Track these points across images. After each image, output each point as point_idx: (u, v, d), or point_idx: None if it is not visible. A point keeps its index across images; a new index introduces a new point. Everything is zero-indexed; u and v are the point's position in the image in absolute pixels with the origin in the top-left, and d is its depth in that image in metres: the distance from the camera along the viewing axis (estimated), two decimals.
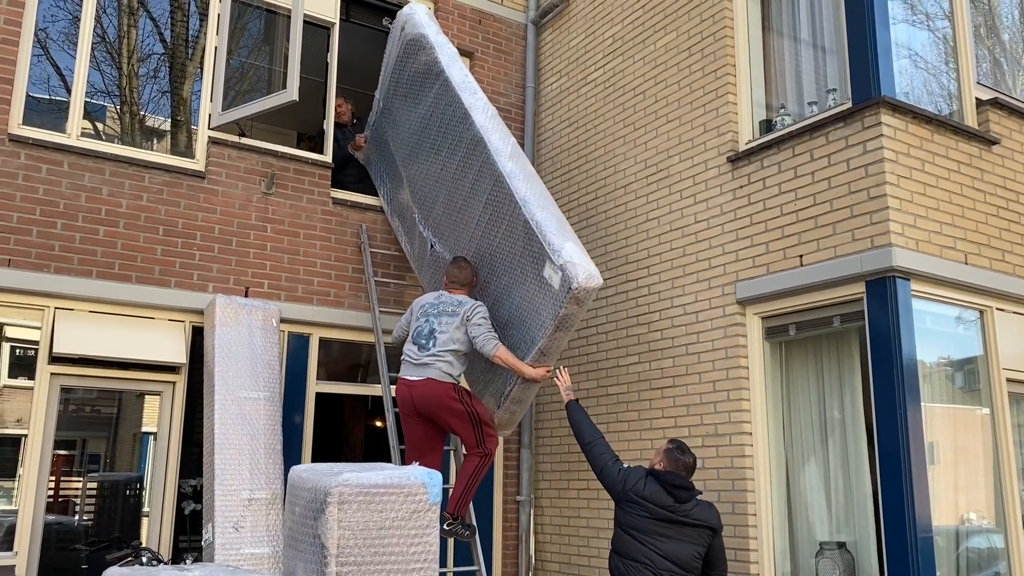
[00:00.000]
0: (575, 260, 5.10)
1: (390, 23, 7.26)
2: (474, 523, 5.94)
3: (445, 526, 5.50)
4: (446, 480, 6.38)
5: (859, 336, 5.28)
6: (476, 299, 5.79)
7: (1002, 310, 5.61)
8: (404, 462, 6.09)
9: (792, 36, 6.20)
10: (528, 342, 5.44)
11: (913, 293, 5.06)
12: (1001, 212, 5.71)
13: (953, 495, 5.29)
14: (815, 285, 5.36)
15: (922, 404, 4.94)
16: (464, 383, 5.78)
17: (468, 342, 5.53)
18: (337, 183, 7.40)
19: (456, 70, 6.14)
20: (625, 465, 4.91)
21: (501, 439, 7.22)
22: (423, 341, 5.55)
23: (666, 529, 4.62)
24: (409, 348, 5.65)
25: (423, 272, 6.86)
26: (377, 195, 7.47)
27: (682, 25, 6.63)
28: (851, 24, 5.45)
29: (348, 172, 7.64)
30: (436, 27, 6.49)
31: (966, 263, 5.39)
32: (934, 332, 5.35)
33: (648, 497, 4.65)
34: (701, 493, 4.82)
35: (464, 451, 5.77)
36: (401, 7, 7.84)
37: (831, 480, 5.42)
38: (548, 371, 5.52)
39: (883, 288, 5.01)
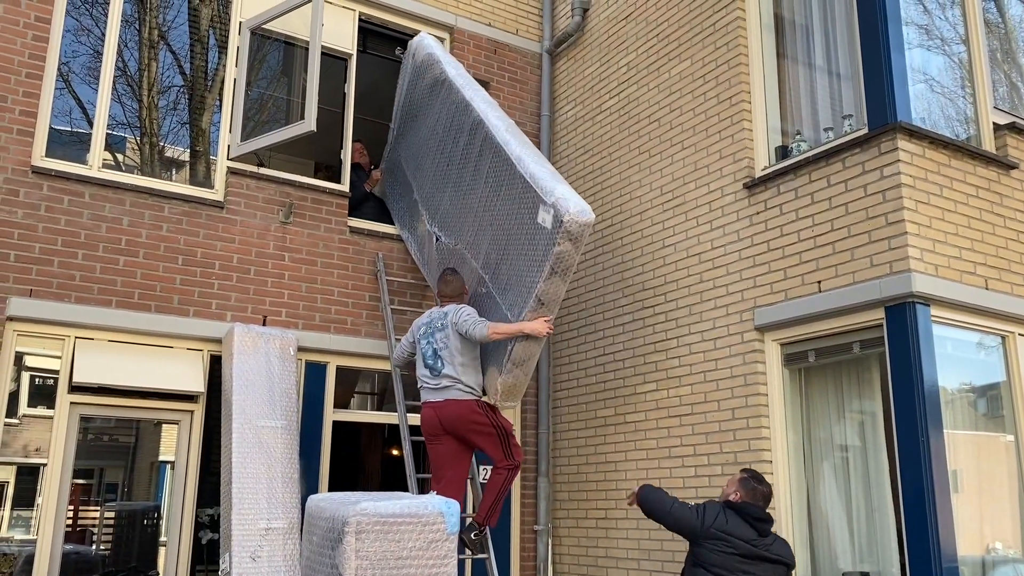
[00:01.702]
0: (566, 196, 5.21)
1: (402, 53, 7.47)
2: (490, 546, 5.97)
3: (473, 535, 5.58)
4: (465, 508, 6.35)
5: (879, 362, 5.23)
6: (465, 304, 5.87)
7: None
8: (423, 491, 6.08)
9: (807, 63, 6.22)
10: (526, 291, 5.48)
11: (933, 319, 5.02)
12: (1022, 237, 5.66)
13: (978, 524, 5.21)
14: (834, 311, 5.33)
15: (944, 431, 4.87)
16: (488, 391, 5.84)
17: (469, 345, 5.64)
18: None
19: (460, 75, 6.47)
20: (694, 503, 4.69)
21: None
22: (431, 363, 5.66)
23: (751, 566, 4.40)
24: (423, 373, 5.76)
25: (431, 273, 6.98)
26: (393, 223, 7.54)
27: (696, 53, 6.66)
28: (866, 50, 5.46)
29: (364, 211, 7.69)
30: (443, 48, 6.87)
31: (986, 288, 5.34)
32: (955, 358, 5.29)
33: (732, 532, 4.45)
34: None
35: (484, 477, 5.79)
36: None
37: (853, 509, 5.35)
38: (547, 322, 5.48)
39: (903, 314, 4.97)
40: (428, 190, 6.84)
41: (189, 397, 6.32)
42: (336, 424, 6.90)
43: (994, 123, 5.86)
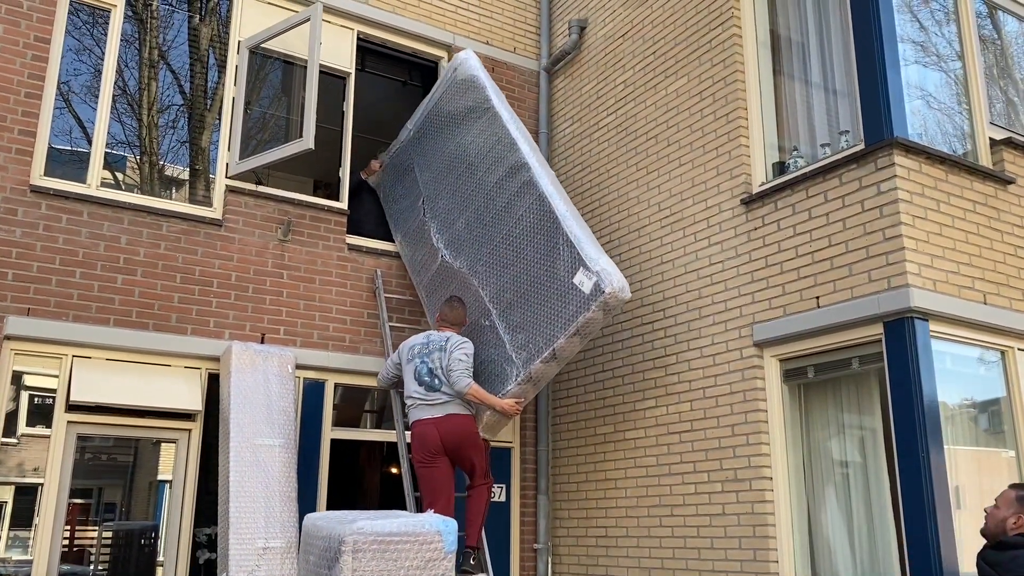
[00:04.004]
0: (610, 270, 5.49)
1: (445, 64, 7.77)
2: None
3: (472, 561, 5.58)
4: (460, 527, 6.32)
5: (879, 378, 5.22)
6: (464, 336, 5.98)
7: None
8: (420, 509, 6.04)
9: (803, 79, 6.24)
10: (543, 342, 5.68)
11: (932, 334, 5.00)
12: (1019, 252, 5.66)
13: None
14: (833, 327, 5.32)
15: (945, 446, 4.85)
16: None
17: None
18: (352, 218, 7.47)
19: (505, 109, 6.67)
20: None
21: None
22: (427, 380, 5.67)
23: None
24: (415, 391, 5.75)
25: (419, 276, 7.09)
26: (387, 229, 7.59)
27: (693, 70, 6.69)
28: (862, 66, 5.48)
29: (361, 200, 7.71)
30: (487, 74, 6.99)
31: (985, 303, 5.33)
32: (955, 373, 5.28)
33: None
34: None
35: (467, 488, 5.83)
36: (414, 57, 8.04)
37: (854, 526, 5.32)
38: (518, 403, 5.76)
39: (901, 329, 4.96)
40: (443, 205, 6.91)
41: (187, 415, 6.30)
42: (334, 442, 6.88)
43: (990, 138, 5.87)
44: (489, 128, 6.59)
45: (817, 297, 5.44)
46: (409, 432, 5.91)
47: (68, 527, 5.93)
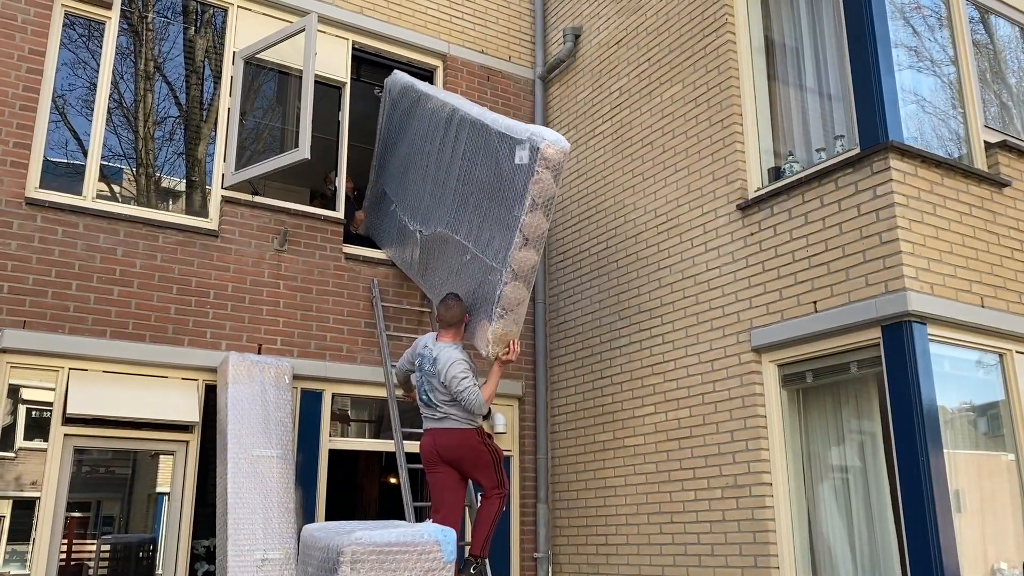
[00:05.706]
0: (540, 131, 5.51)
1: (380, 93, 7.69)
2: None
3: (472, 570, 5.49)
4: (462, 536, 6.28)
5: (878, 382, 5.21)
6: (460, 340, 5.81)
7: (1022, 353, 5.53)
8: (420, 519, 6.02)
9: (798, 85, 6.25)
10: (511, 233, 5.55)
11: (930, 337, 5.00)
12: (1016, 254, 5.66)
13: (981, 544, 5.15)
14: (830, 331, 5.31)
15: (944, 450, 4.84)
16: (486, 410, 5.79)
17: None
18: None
19: (433, 89, 6.84)
20: None
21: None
22: (425, 399, 5.65)
23: None
24: (420, 403, 5.73)
25: (414, 271, 7.07)
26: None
27: (688, 77, 6.70)
28: (856, 71, 5.49)
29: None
30: (413, 78, 7.22)
31: (983, 306, 5.32)
32: (954, 377, 5.27)
33: None
34: None
35: (479, 499, 5.74)
36: (410, 66, 8.05)
37: (855, 530, 5.30)
38: (507, 352, 5.67)
39: (899, 333, 4.95)
40: (411, 197, 6.96)
41: (184, 427, 6.28)
42: (333, 452, 6.85)
43: (985, 141, 5.88)
44: (427, 106, 6.74)
45: (815, 302, 5.44)
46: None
47: (66, 541, 5.90)
